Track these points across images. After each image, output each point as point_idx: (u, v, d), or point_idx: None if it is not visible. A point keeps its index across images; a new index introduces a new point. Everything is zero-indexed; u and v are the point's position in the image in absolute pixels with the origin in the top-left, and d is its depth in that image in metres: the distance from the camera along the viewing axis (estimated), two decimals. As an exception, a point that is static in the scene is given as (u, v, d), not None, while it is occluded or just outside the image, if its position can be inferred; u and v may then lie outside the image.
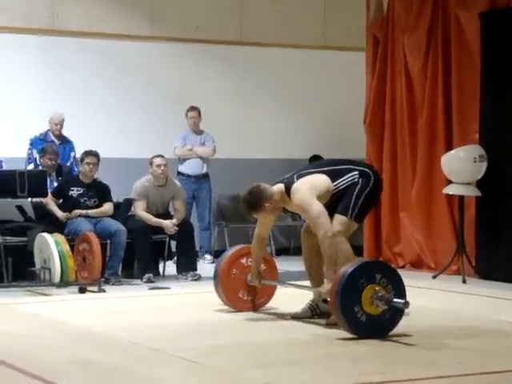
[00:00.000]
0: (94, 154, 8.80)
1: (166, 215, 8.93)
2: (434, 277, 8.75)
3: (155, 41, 10.81)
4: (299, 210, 6.09)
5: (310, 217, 5.90)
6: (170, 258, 9.26)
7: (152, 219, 8.74)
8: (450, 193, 8.78)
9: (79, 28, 10.41)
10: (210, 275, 6.87)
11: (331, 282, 5.61)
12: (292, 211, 6.28)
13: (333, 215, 5.94)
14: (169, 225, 8.72)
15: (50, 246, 7.69)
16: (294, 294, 6.49)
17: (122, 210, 9.09)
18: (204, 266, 9.78)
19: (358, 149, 10.21)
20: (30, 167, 9.35)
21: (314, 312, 6.22)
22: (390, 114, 9.85)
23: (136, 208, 8.83)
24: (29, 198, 8.54)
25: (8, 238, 8.34)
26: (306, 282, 6.37)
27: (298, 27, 11.36)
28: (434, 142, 9.32)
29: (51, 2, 10.35)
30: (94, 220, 8.61)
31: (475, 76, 8.83)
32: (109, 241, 8.49)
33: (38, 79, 10.30)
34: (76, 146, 9.71)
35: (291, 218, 10.62)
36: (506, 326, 5.95)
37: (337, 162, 6.27)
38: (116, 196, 9.04)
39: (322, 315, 6.15)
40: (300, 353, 5.16)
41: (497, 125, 8.66)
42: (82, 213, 8.62)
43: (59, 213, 8.63)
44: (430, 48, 9.34)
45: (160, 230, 8.76)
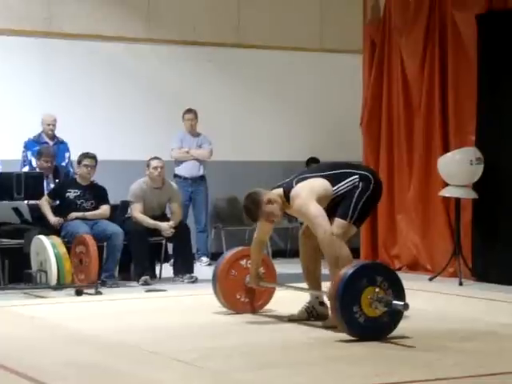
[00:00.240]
0: (92, 156, 8.80)
1: (163, 217, 8.93)
2: (430, 279, 8.75)
3: (152, 43, 10.80)
4: (299, 215, 6.09)
5: (309, 218, 5.89)
6: (166, 261, 9.25)
7: (149, 221, 8.74)
8: (447, 195, 8.78)
9: (75, 30, 10.40)
10: (207, 278, 6.88)
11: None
12: (292, 215, 6.29)
13: (333, 219, 5.93)
14: (165, 227, 8.71)
15: (47, 249, 7.69)
16: (292, 297, 6.50)
17: (119, 212, 9.08)
18: (200, 268, 9.78)
19: (356, 151, 10.22)
20: (25, 170, 9.34)
21: (311, 314, 6.22)
22: (387, 116, 9.86)
23: (133, 210, 8.82)
24: (25, 201, 8.54)
25: (4, 241, 8.34)
26: (304, 285, 6.38)
27: (295, 30, 11.37)
28: (431, 145, 9.33)
29: (48, 3, 10.34)
30: (90, 222, 8.60)
31: (472, 78, 8.84)
32: (105, 243, 8.48)
33: (35, 81, 10.29)
34: (73, 148, 9.69)
35: (287, 220, 10.61)
36: (502, 328, 5.95)
37: (336, 165, 6.24)
38: (113, 198, 9.03)
39: (319, 317, 6.15)
40: (297, 355, 5.16)
41: (493, 127, 8.66)
42: (78, 215, 8.62)
43: (51, 217, 8.58)
44: (426, 50, 9.35)
45: (157, 232, 8.75)
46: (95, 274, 7.96)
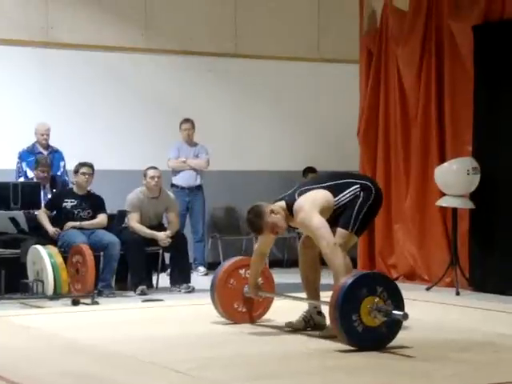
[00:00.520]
0: (89, 165, 8.80)
1: (160, 227, 8.92)
2: (427, 289, 8.75)
3: (149, 53, 10.82)
4: (302, 227, 6.08)
5: (312, 230, 5.89)
6: (163, 270, 9.24)
7: (146, 231, 8.73)
8: (444, 205, 8.79)
9: (73, 40, 10.40)
10: (204, 287, 6.87)
11: None
12: (295, 227, 6.28)
13: (335, 229, 5.92)
14: (162, 237, 8.70)
15: (43, 258, 7.67)
16: (290, 306, 6.48)
17: (116, 221, 9.07)
18: (197, 278, 9.77)
19: (354, 160, 10.22)
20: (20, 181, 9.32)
21: (308, 324, 6.21)
22: (384, 125, 9.87)
23: (130, 220, 8.81)
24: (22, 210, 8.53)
25: (1, 250, 8.34)
26: (302, 294, 6.37)
27: (292, 40, 11.39)
28: (428, 154, 9.34)
29: (46, 13, 10.35)
30: (87, 232, 8.59)
31: (468, 88, 8.86)
32: (102, 253, 8.47)
33: (33, 91, 10.29)
34: (70, 157, 9.68)
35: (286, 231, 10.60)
36: (499, 339, 5.94)
37: (337, 175, 6.24)
38: (110, 208, 9.03)
39: (316, 327, 6.14)
40: (296, 365, 5.14)
41: (490, 137, 8.67)
42: (75, 225, 8.61)
43: (50, 228, 8.57)
44: (423, 60, 9.37)
45: (154, 242, 8.74)
46: (92, 283, 7.95)
